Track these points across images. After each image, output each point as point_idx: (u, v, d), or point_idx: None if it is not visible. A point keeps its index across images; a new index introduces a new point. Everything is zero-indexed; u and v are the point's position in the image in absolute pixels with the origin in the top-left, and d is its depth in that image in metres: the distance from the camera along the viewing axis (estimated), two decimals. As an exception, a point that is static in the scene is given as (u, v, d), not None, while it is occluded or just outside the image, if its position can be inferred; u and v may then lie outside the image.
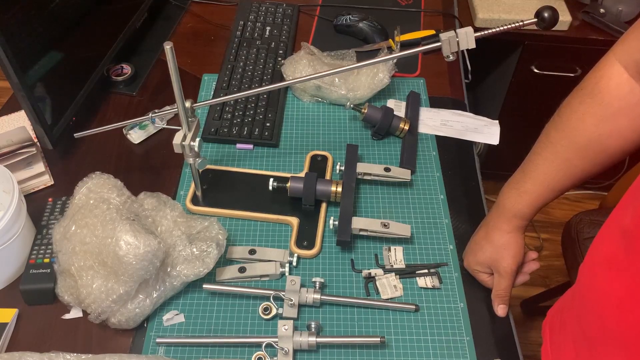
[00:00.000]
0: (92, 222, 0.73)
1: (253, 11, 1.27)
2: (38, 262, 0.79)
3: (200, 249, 0.76)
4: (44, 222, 0.84)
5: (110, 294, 0.70)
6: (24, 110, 0.86)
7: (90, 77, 1.02)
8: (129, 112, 1.07)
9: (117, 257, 0.69)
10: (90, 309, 0.72)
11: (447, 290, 0.81)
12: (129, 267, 0.69)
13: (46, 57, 0.90)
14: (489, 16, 1.47)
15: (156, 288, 0.74)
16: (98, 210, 0.73)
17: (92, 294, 0.71)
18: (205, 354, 0.74)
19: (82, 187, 0.77)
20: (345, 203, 0.85)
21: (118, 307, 0.72)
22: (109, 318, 0.73)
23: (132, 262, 0.69)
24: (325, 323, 0.77)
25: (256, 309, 0.78)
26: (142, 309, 0.73)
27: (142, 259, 0.69)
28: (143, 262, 0.69)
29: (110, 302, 0.71)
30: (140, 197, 0.83)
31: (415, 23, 1.28)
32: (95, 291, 0.71)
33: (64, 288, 0.74)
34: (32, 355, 0.67)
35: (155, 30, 1.24)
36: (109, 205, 0.74)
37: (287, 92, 1.11)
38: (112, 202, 0.74)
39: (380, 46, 1.20)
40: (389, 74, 1.04)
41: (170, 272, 0.75)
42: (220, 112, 1.03)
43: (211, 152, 0.99)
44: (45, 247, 0.80)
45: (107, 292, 0.70)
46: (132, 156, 1.00)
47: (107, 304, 0.71)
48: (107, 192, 0.76)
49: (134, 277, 0.70)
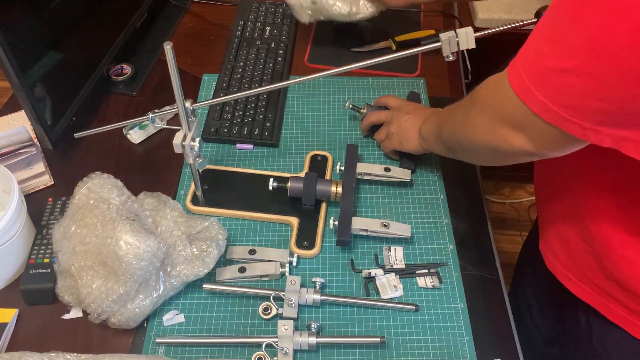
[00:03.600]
0: (92, 222, 0.73)
1: (253, 11, 1.27)
2: (38, 262, 0.79)
3: (200, 249, 0.76)
4: (44, 222, 0.84)
5: (110, 294, 0.70)
6: (24, 110, 0.86)
7: (90, 77, 1.02)
8: (129, 112, 1.07)
9: (117, 257, 0.69)
10: (90, 308, 0.72)
11: (447, 290, 0.81)
12: (129, 267, 0.69)
13: (46, 57, 0.90)
14: (489, 16, 1.47)
15: (156, 288, 0.74)
16: (98, 210, 0.73)
17: (92, 294, 0.71)
18: (205, 354, 0.74)
19: (82, 187, 0.77)
20: (346, 203, 0.85)
21: (118, 307, 0.72)
22: (109, 318, 0.73)
23: (132, 262, 0.69)
24: (325, 323, 0.77)
25: (256, 309, 0.78)
26: (142, 308, 0.73)
27: (142, 259, 0.69)
28: (143, 262, 0.69)
29: (110, 302, 0.71)
30: (140, 197, 0.83)
31: (415, 23, 1.28)
32: (95, 291, 0.71)
33: (64, 288, 0.74)
34: (32, 355, 0.67)
35: (155, 30, 1.24)
36: (109, 205, 0.74)
37: (287, 92, 1.11)
38: (112, 202, 0.74)
39: (380, 46, 1.20)
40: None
41: (170, 272, 0.75)
42: (220, 112, 1.03)
43: (211, 152, 0.99)
44: (45, 247, 0.80)
45: (107, 292, 0.70)
46: (132, 156, 1.00)
47: (107, 304, 0.71)
48: (107, 192, 0.76)
49: (134, 277, 0.70)
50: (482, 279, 0.83)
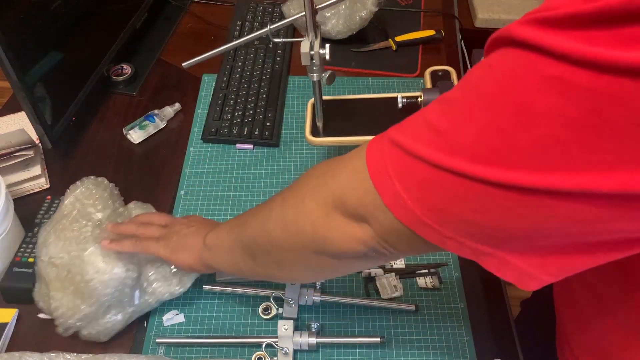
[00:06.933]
0: (69, 235, 0.71)
1: (250, 11, 1.27)
2: (23, 260, 0.78)
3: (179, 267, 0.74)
4: (38, 219, 0.84)
5: (77, 312, 0.69)
6: (24, 110, 0.86)
7: (90, 77, 1.02)
8: (129, 112, 1.07)
9: (84, 280, 0.68)
10: (57, 322, 0.71)
11: (447, 290, 0.81)
12: (95, 291, 0.68)
13: (46, 57, 0.90)
14: (489, 16, 1.47)
15: (130, 304, 0.72)
16: (77, 225, 0.72)
17: (59, 308, 0.69)
18: (205, 354, 0.74)
19: (71, 193, 0.76)
20: None
21: (85, 324, 0.71)
22: (80, 330, 0.72)
23: (97, 286, 0.67)
24: (325, 323, 0.77)
25: (256, 309, 0.78)
26: (114, 324, 0.72)
27: (108, 285, 0.68)
28: (108, 288, 0.68)
29: (75, 320, 0.69)
30: (129, 207, 0.81)
31: (415, 23, 1.28)
32: (63, 306, 0.69)
33: (39, 294, 0.73)
34: (32, 355, 0.67)
35: (155, 30, 1.24)
36: (87, 222, 0.72)
37: (287, 92, 1.11)
38: (92, 217, 0.73)
39: (380, 46, 1.20)
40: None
41: (146, 288, 0.73)
42: (220, 112, 1.03)
43: (211, 152, 0.99)
44: (34, 246, 0.79)
45: (73, 309, 0.69)
46: (132, 156, 1.00)
47: (72, 322, 0.69)
48: (93, 203, 0.74)
49: (99, 301, 0.68)
50: (482, 279, 0.83)
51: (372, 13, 1.15)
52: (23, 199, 0.90)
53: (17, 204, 0.82)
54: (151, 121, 1.02)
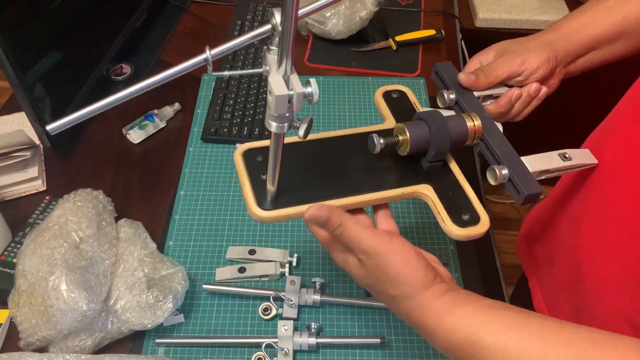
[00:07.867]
0: (44, 253, 0.70)
1: (250, 11, 1.27)
2: (8, 260, 0.78)
3: (156, 298, 0.72)
4: (32, 219, 0.84)
5: (37, 331, 0.68)
6: (24, 110, 0.86)
7: (90, 77, 1.01)
8: (129, 112, 1.07)
9: (45, 304, 0.67)
10: (21, 335, 0.70)
11: (447, 291, 0.81)
12: (53, 317, 0.67)
13: (46, 57, 0.90)
14: (489, 16, 1.47)
15: (102, 329, 0.71)
16: (54, 242, 0.71)
17: (23, 322, 0.69)
18: (205, 354, 0.74)
19: (62, 205, 0.76)
20: (498, 140, 0.59)
21: (45, 344, 0.70)
22: (48, 347, 0.71)
23: (56, 314, 0.66)
24: (325, 323, 0.77)
25: (256, 309, 0.78)
26: (83, 348, 0.70)
27: (66, 315, 0.67)
28: (67, 318, 0.67)
29: (36, 340, 0.69)
30: (119, 224, 0.80)
31: (415, 23, 1.28)
32: (26, 322, 0.69)
33: (12, 300, 0.72)
34: (31, 355, 0.67)
35: (154, 30, 1.24)
36: (64, 242, 0.71)
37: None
38: (70, 238, 0.71)
39: (380, 46, 1.20)
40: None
41: (120, 315, 0.72)
42: (220, 112, 1.03)
43: (211, 152, 0.99)
44: (22, 246, 0.77)
45: (34, 328, 0.68)
46: (132, 156, 0.99)
47: (32, 340, 0.69)
48: (77, 221, 0.73)
49: (57, 328, 0.67)
50: (482, 279, 0.83)
51: (372, 13, 1.15)
52: (17, 200, 0.90)
53: (10, 204, 0.82)
54: (151, 121, 1.02)
